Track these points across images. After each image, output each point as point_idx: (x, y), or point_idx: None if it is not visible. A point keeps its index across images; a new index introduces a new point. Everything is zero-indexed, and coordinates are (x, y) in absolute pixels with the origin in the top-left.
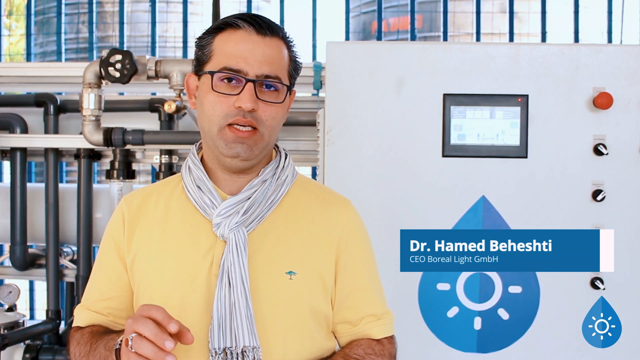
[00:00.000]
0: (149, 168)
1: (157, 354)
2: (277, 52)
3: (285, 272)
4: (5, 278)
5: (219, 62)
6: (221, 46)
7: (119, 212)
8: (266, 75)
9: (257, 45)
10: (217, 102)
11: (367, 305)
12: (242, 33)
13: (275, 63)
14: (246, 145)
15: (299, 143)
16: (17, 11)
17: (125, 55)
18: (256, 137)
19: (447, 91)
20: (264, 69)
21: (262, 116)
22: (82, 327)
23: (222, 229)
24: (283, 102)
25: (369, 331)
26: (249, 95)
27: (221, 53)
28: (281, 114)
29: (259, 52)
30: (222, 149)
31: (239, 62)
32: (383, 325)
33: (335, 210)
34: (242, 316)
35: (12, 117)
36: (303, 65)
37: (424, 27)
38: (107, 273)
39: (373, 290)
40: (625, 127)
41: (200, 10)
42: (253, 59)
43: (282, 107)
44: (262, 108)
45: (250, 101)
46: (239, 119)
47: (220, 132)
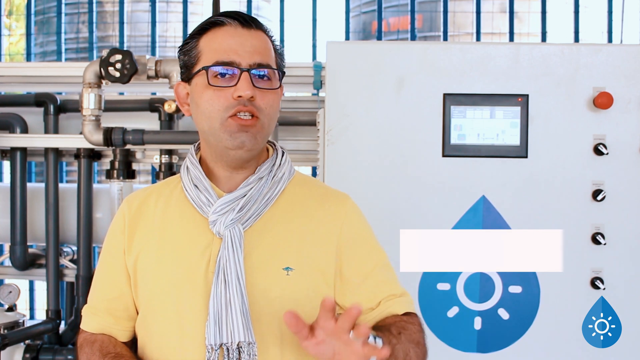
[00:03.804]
0: (149, 168)
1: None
2: (264, 43)
3: (282, 268)
4: (5, 278)
5: (210, 59)
6: (209, 45)
7: (120, 213)
8: (258, 63)
9: (244, 38)
10: (214, 96)
11: (383, 288)
12: (228, 28)
13: (264, 52)
14: (250, 134)
15: (299, 143)
16: (17, 11)
17: (125, 55)
18: (258, 126)
19: (447, 91)
20: (256, 58)
21: (261, 104)
22: (90, 337)
23: (218, 226)
24: (279, 89)
25: (391, 308)
26: (246, 84)
27: (210, 51)
28: (277, 102)
29: (248, 43)
30: (226, 142)
31: (230, 55)
32: (404, 303)
33: (333, 205)
34: (238, 312)
35: (12, 117)
36: (303, 65)
37: (424, 27)
38: (110, 274)
39: (385, 275)
40: (625, 127)
41: (200, 10)
42: (243, 51)
43: (278, 95)
44: (259, 96)
45: (249, 89)
46: (240, 108)
47: (223, 125)
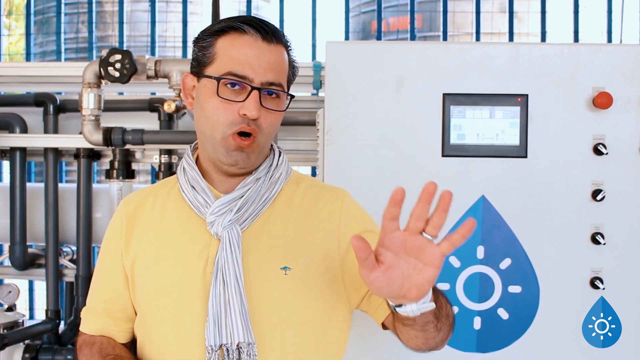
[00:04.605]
0: (148, 168)
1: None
2: (280, 59)
3: (280, 268)
4: (4, 278)
5: (224, 66)
6: (225, 50)
7: (118, 214)
8: (270, 82)
9: (262, 52)
10: (221, 108)
11: None
12: (248, 38)
13: (278, 70)
14: (245, 154)
15: (299, 143)
16: (16, 11)
17: (124, 55)
18: (254, 146)
19: (447, 91)
20: (269, 76)
21: (263, 124)
22: (90, 339)
23: (216, 227)
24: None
25: None
26: (254, 104)
27: (225, 57)
28: (278, 122)
29: (265, 59)
30: (221, 157)
31: (245, 69)
32: None
33: (329, 200)
34: (237, 313)
35: (11, 117)
36: (303, 65)
37: (423, 27)
38: (108, 275)
39: None
40: (625, 126)
41: (200, 10)
42: (259, 66)
43: (281, 115)
44: (263, 115)
45: (256, 109)
46: (244, 127)
47: (224, 140)
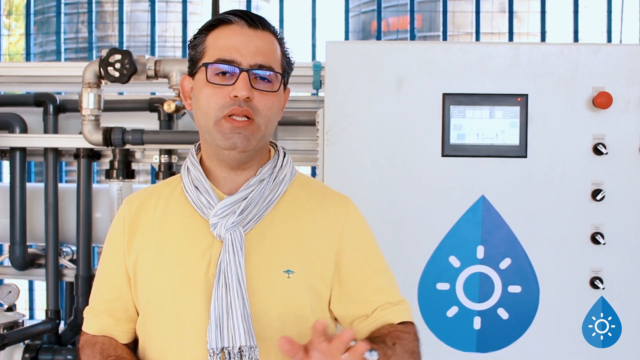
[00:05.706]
0: (148, 168)
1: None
2: (269, 44)
3: (283, 271)
4: (4, 278)
5: (213, 55)
6: (214, 41)
7: (120, 214)
8: (259, 65)
9: (249, 38)
10: (212, 94)
11: (379, 295)
12: (234, 27)
13: (267, 54)
14: (243, 136)
15: (299, 143)
16: (16, 11)
17: (124, 55)
18: (252, 128)
19: (447, 91)
20: (257, 59)
21: (258, 105)
22: (91, 339)
23: (219, 229)
24: (278, 92)
25: (385, 317)
26: (243, 84)
27: (214, 47)
28: (277, 105)
29: (252, 43)
30: (219, 141)
31: (232, 53)
32: (400, 311)
33: (334, 207)
34: (239, 316)
35: (11, 117)
36: (303, 65)
37: (423, 27)
38: (110, 275)
39: (383, 281)
40: (624, 126)
41: (200, 10)
42: (246, 50)
43: (277, 98)
44: (257, 97)
45: (245, 89)
46: (235, 109)
47: (217, 124)
